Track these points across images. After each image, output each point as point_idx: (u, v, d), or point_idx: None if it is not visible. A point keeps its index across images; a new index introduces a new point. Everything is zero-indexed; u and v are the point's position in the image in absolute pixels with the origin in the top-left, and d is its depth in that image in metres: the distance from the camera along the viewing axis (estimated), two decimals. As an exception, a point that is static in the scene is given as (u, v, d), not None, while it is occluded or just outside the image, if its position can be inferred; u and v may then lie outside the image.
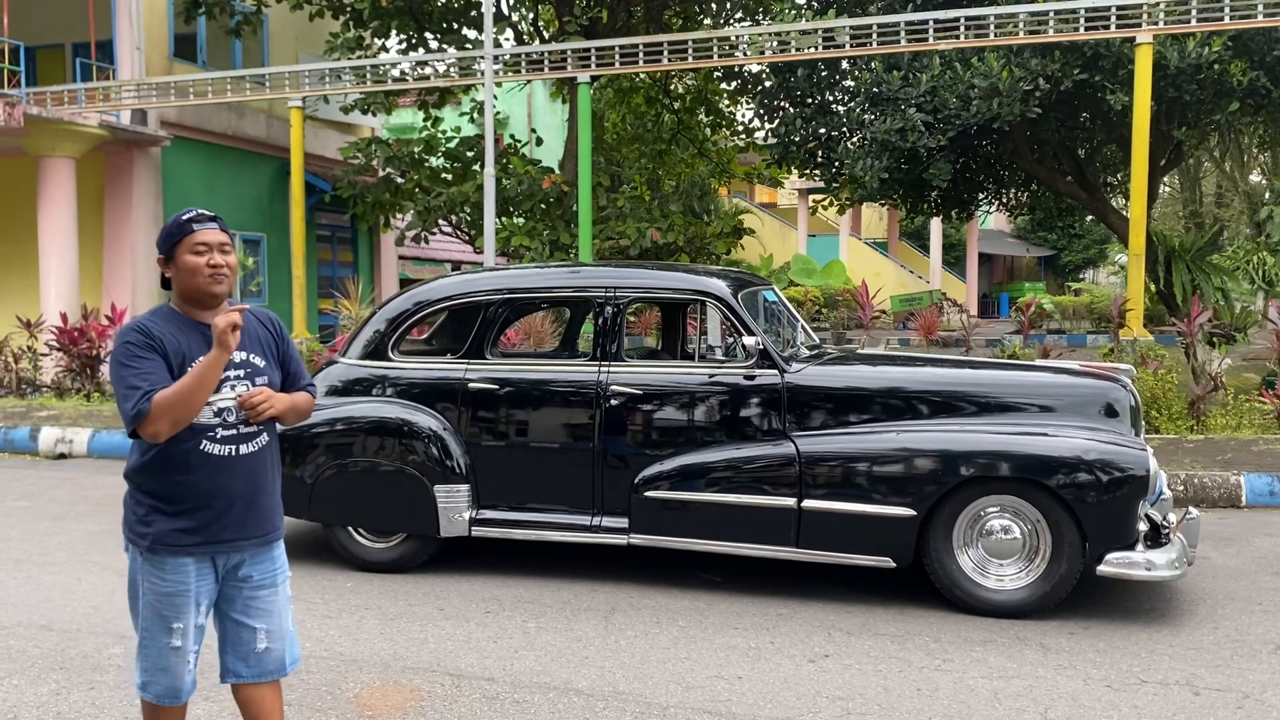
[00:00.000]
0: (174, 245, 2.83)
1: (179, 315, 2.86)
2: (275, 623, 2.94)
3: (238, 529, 2.86)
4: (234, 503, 2.84)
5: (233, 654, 2.94)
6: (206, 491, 2.81)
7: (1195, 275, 14.68)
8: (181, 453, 2.78)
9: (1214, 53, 11.84)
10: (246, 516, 2.87)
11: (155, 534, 2.80)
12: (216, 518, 2.82)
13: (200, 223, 2.84)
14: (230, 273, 2.84)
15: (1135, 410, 5.34)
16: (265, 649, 2.93)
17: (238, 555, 2.88)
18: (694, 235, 15.93)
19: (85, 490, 8.08)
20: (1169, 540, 4.96)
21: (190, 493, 2.80)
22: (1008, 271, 43.18)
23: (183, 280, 2.84)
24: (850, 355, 6.12)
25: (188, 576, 2.82)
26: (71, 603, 5.18)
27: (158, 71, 15.63)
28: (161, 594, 2.82)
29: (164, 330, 2.79)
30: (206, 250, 2.81)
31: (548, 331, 11.87)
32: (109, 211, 15.33)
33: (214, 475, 2.81)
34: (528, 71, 13.83)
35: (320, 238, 19.11)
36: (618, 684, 4.10)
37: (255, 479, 2.89)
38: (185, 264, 2.81)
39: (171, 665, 2.86)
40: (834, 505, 5.07)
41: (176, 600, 2.82)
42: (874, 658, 4.37)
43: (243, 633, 2.92)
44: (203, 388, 2.70)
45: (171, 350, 2.77)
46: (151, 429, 2.68)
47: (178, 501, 2.80)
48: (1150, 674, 4.16)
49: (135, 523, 2.85)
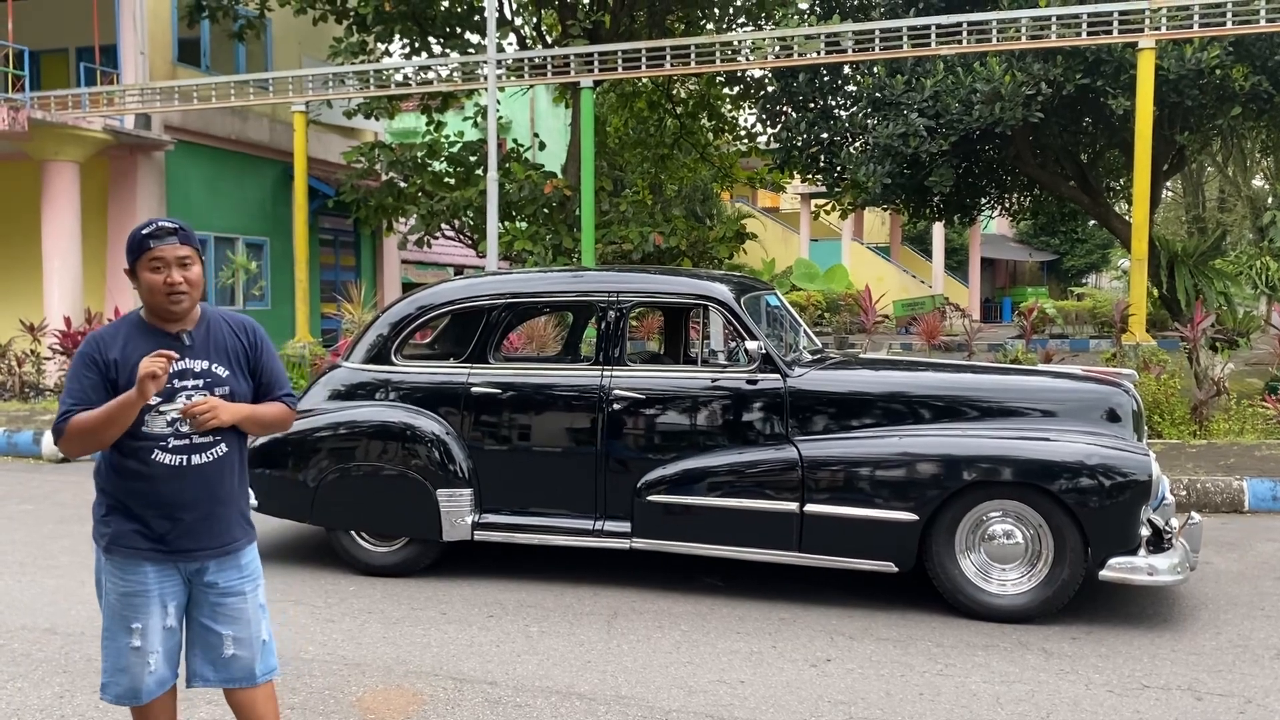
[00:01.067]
0: (135, 260, 2.80)
1: (143, 325, 2.86)
2: (243, 630, 2.91)
3: (194, 539, 2.84)
4: (186, 513, 2.82)
5: (199, 657, 2.92)
6: (158, 499, 2.80)
7: (1198, 280, 14.67)
8: (135, 459, 2.78)
9: (1214, 57, 11.85)
10: (201, 527, 2.84)
11: (113, 534, 2.82)
12: (170, 526, 2.81)
13: (158, 238, 2.78)
14: (191, 287, 2.80)
15: (1137, 415, 5.34)
16: (232, 655, 2.90)
17: (197, 564, 2.86)
18: (696, 239, 15.93)
19: (87, 494, 8.02)
20: (1171, 545, 4.96)
21: (142, 499, 2.80)
22: (1010, 276, 43.20)
23: (144, 295, 2.83)
24: (852, 360, 6.13)
25: (146, 578, 2.82)
26: (75, 606, 5.19)
27: (161, 76, 15.67)
28: (121, 594, 2.82)
29: (121, 343, 2.79)
30: (164, 267, 2.77)
31: (550, 336, 11.88)
32: (112, 215, 15.36)
33: (166, 484, 2.80)
34: (531, 76, 13.86)
35: (323, 242, 19.15)
36: (620, 688, 4.11)
37: (210, 489, 2.85)
38: (144, 280, 2.80)
39: (131, 665, 2.84)
40: (836, 510, 5.07)
41: (135, 600, 2.82)
42: (876, 662, 4.38)
43: (209, 637, 2.90)
44: (115, 423, 2.70)
45: (121, 364, 2.76)
46: (64, 447, 2.77)
47: (131, 506, 2.81)
48: (1152, 679, 4.16)
49: (97, 521, 2.88)
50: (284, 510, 5.91)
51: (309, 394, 6.16)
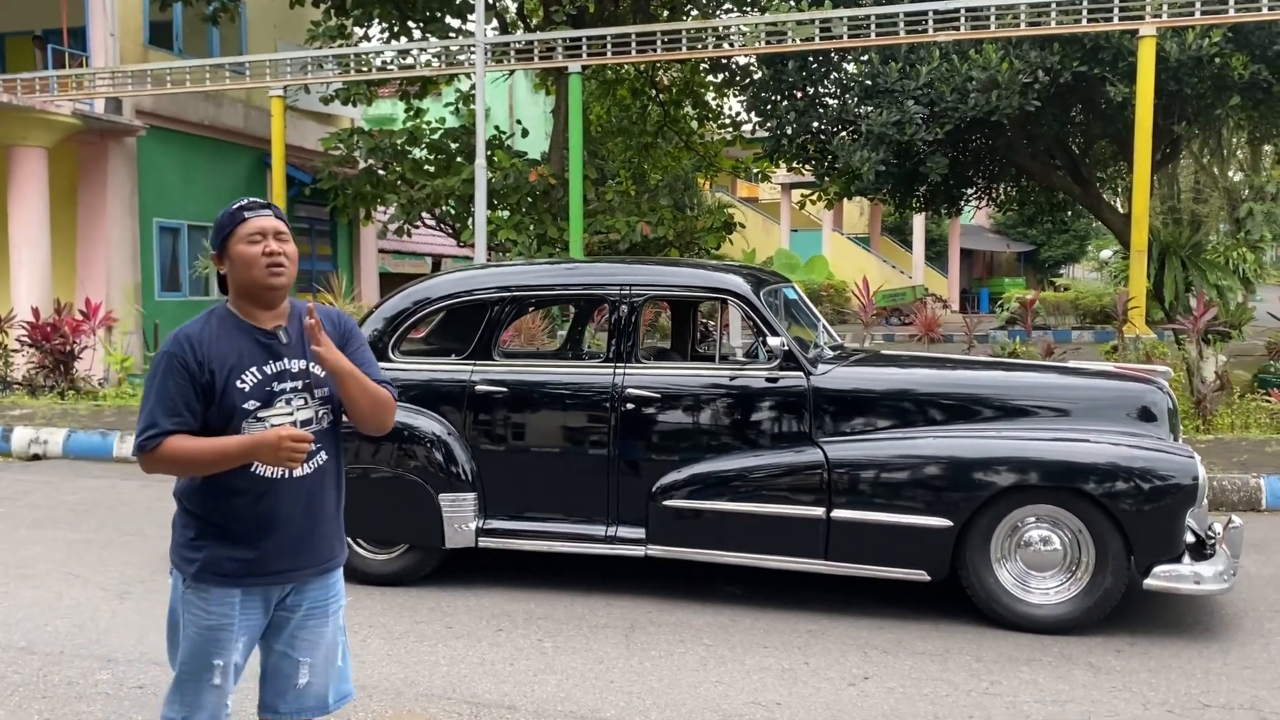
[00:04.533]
0: (226, 237, 2.54)
1: (232, 318, 2.56)
2: (321, 656, 2.64)
3: (291, 558, 2.56)
4: (287, 530, 2.54)
5: (272, 689, 2.65)
6: (257, 517, 2.51)
7: (1190, 272, 14.53)
8: (232, 475, 2.48)
9: (1214, 45, 11.68)
10: (301, 545, 2.57)
11: (203, 561, 2.51)
12: (269, 547, 2.52)
13: (253, 210, 2.55)
14: (290, 263, 2.54)
15: (1173, 413, 5.11)
16: (306, 684, 2.64)
17: (289, 585, 2.59)
18: (684, 229, 15.66)
19: (62, 494, 7.72)
20: (1214, 551, 4.73)
21: (240, 518, 2.51)
22: (987, 267, 43.21)
23: (238, 274, 2.53)
24: (875, 355, 5.86)
25: (233, 609, 2.53)
26: (53, 620, 4.84)
27: (132, 59, 15.17)
28: (203, 627, 2.53)
29: (212, 341, 2.50)
30: (261, 239, 2.52)
31: (539, 329, 11.57)
32: (82, 203, 14.87)
33: (265, 500, 2.51)
34: (516, 61, 13.53)
35: (299, 230, 18.65)
36: (649, 712, 3.83)
37: (312, 502, 2.58)
38: (239, 256, 2.52)
39: (210, 705, 2.58)
40: (865, 515, 4.80)
41: (220, 635, 2.53)
42: (916, 679, 4.12)
43: (284, 665, 2.63)
44: (217, 466, 2.45)
45: (218, 365, 2.47)
46: (148, 466, 2.48)
47: (227, 527, 2.51)
48: (1211, 697, 3.93)
49: (182, 546, 2.56)
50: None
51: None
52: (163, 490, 7.81)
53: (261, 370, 2.51)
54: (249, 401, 2.48)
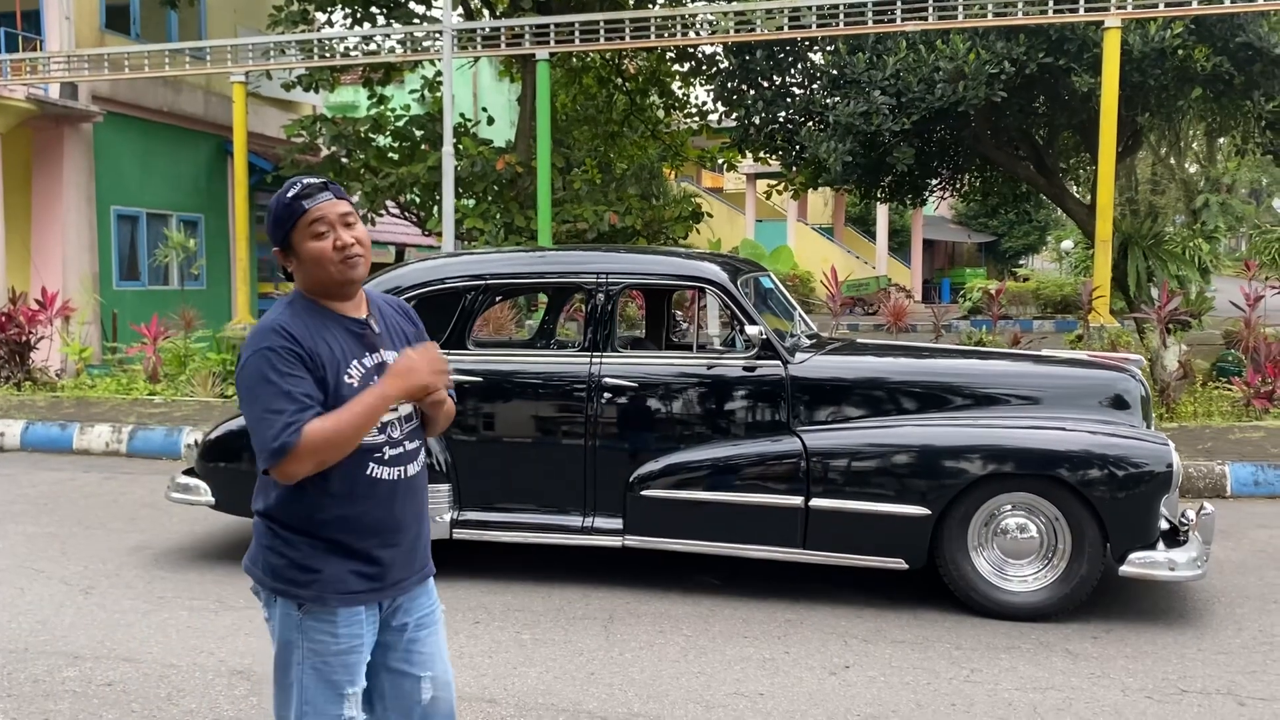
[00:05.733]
0: (288, 231, 2.26)
1: (317, 307, 2.30)
2: (439, 667, 2.44)
3: (407, 566, 2.36)
4: (405, 535, 2.34)
5: (396, 711, 2.43)
6: (378, 524, 2.30)
7: (1151, 262, 14.71)
8: (347, 481, 2.26)
9: (1176, 37, 11.80)
10: (413, 550, 2.37)
11: (324, 580, 2.26)
12: (391, 555, 2.32)
13: (310, 197, 2.26)
14: (364, 249, 2.29)
15: (1145, 401, 5.15)
16: (432, 699, 2.42)
17: (402, 596, 2.38)
18: (651, 219, 15.60)
19: (22, 488, 7.54)
20: (1187, 538, 4.77)
21: (359, 528, 2.29)
22: (948, 257, 43.54)
23: (309, 273, 2.28)
24: (852, 344, 5.85)
25: (361, 628, 2.30)
26: (15, 618, 4.72)
27: (88, 43, 14.85)
28: (332, 654, 2.28)
29: (311, 334, 2.24)
30: (329, 229, 2.25)
31: (507, 319, 11.49)
32: (37, 190, 14.56)
33: (385, 504, 2.30)
34: (483, 47, 13.38)
35: (260, 219, 18.39)
36: (631, 704, 3.79)
37: (419, 504, 2.40)
38: (309, 254, 2.26)
39: None
40: (843, 504, 4.80)
41: (350, 659, 2.30)
42: (898, 668, 4.12)
43: (405, 684, 2.40)
44: (362, 429, 2.20)
45: (325, 358, 2.23)
46: (292, 468, 2.16)
47: (346, 539, 2.28)
48: (1189, 683, 3.96)
49: (288, 569, 2.28)
50: (246, 508, 5.46)
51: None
52: (126, 483, 7.67)
53: (362, 364, 2.29)
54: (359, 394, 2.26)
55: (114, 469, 8.28)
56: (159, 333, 11.42)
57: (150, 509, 6.79)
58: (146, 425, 9.08)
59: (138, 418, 9.45)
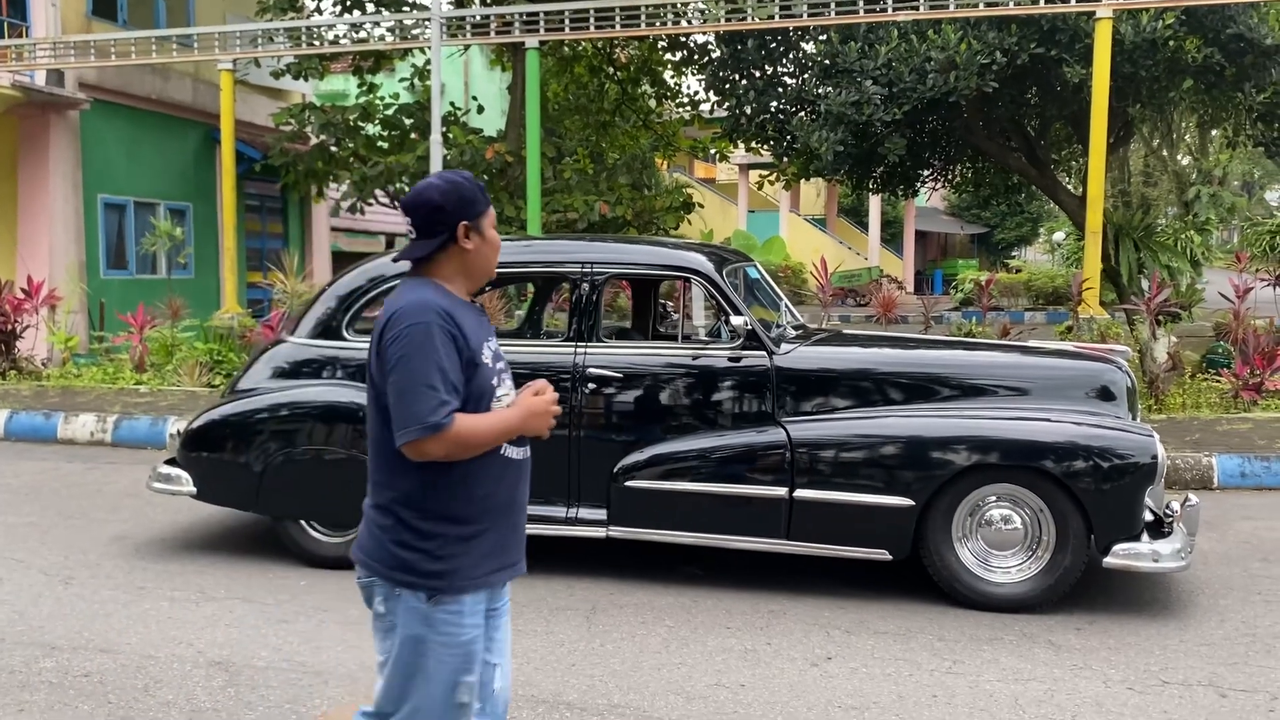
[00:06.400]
0: (480, 213, 2.38)
1: (447, 292, 2.37)
2: (506, 656, 2.49)
3: (520, 547, 2.43)
4: (523, 516, 2.43)
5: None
6: (509, 505, 2.37)
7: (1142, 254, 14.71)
8: (486, 462, 2.30)
9: (1168, 28, 11.77)
10: (524, 532, 2.45)
11: (462, 568, 2.29)
12: (515, 539, 2.39)
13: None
14: None
15: (1131, 392, 5.14)
16: (499, 688, 2.46)
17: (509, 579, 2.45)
18: (642, 209, 15.55)
19: (4, 478, 7.49)
20: (1171, 530, 4.76)
21: (490, 509, 2.33)
22: (941, 249, 43.56)
23: (480, 256, 2.39)
24: (838, 335, 5.83)
25: (481, 616, 2.34)
26: (-6, 608, 4.69)
27: (75, 30, 14.72)
28: (459, 644, 2.30)
29: (459, 314, 2.32)
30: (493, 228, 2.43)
31: (496, 308, 11.44)
32: (23, 178, 14.45)
33: (511, 485, 2.38)
34: (472, 35, 13.31)
35: (249, 208, 18.30)
36: (611, 695, 3.77)
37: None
38: (492, 239, 2.40)
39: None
40: (827, 495, 4.78)
41: (473, 648, 2.33)
42: (880, 659, 4.10)
43: (485, 674, 2.42)
44: (491, 444, 2.28)
45: (473, 340, 2.31)
46: (432, 447, 2.21)
47: (477, 523, 2.31)
48: (1170, 674, 3.95)
49: (423, 560, 2.28)
50: (227, 498, 5.46)
51: (250, 371, 5.70)
52: (110, 473, 7.62)
53: (489, 348, 2.38)
54: (493, 379, 2.35)
55: (98, 459, 8.23)
56: (146, 322, 11.36)
57: (133, 499, 6.75)
58: (132, 415, 9.02)
59: (123, 407, 9.40)
